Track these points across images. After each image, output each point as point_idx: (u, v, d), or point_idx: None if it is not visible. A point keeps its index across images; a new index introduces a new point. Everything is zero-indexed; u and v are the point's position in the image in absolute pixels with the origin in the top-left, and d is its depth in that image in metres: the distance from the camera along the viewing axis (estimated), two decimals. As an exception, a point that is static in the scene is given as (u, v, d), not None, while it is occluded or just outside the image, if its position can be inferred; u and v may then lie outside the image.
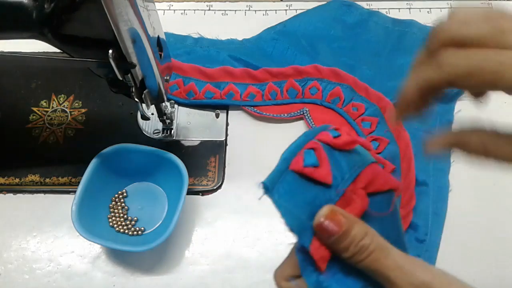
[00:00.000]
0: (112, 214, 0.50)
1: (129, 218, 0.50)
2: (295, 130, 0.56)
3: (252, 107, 0.57)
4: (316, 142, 0.26)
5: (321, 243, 0.25)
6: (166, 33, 0.45)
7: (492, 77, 0.21)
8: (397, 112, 0.26)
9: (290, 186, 0.26)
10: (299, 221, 0.25)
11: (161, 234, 0.44)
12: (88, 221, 0.46)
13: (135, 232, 0.49)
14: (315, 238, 0.25)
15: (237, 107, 0.57)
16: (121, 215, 0.50)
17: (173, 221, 0.45)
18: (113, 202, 0.51)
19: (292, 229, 0.25)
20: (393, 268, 0.24)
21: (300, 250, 0.26)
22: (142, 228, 0.49)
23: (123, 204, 0.50)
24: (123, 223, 0.49)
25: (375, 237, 0.25)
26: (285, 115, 0.56)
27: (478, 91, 0.26)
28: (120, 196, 0.51)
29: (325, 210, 0.25)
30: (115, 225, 0.49)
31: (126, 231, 0.49)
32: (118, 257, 0.48)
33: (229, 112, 0.57)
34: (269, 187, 0.26)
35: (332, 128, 0.28)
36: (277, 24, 0.63)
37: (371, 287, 0.26)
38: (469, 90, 0.26)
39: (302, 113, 0.56)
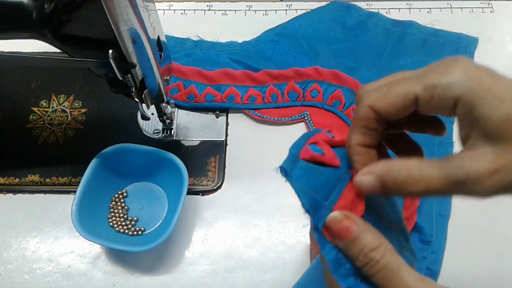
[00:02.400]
0: (112, 214, 0.50)
1: (129, 218, 0.50)
2: (295, 130, 0.56)
3: (253, 110, 0.57)
4: (317, 138, 0.28)
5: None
6: (165, 36, 0.45)
7: None
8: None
9: (304, 171, 0.27)
10: (315, 201, 0.26)
11: (161, 234, 0.44)
12: (88, 221, 0.46)
13: (135, 232, 0.49)
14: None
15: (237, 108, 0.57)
16: (121, 215, 0.50)
17: (173, 221, 0.45)
18: (113, 202, 0.51)
19: (307, 209, 0.26)
20: None
21: (316, 229, 0.26)
22: (142, 228, 0.49)
23: (123, 204, 0.50)
24: (123, 223, 0.49)
25: (387, 252, 0.24)
26: (286, 118, 0.56)
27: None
28: (120, 196, 0.51)
29: (336, 213, 0.25)
30: (115, 225, 0.49)
31: (126, 231, 0.49)
32: (118, 257, 0.48)
33: (229, 112, 0.57)
34: (287, 170, 0.27)
35: (326, 130, 0.30)
36: (276, 26, 0.63)
37: None
38: None
39: (303, 116, 0.56)
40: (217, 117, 0.57)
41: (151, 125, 0.56)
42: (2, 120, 0.57)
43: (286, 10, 0.67)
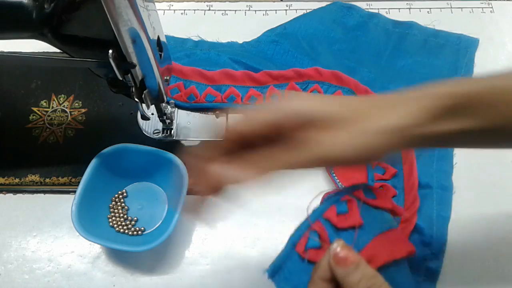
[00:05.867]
0: (112, 214, 0.50)
1: (129, 218, 0.50)
2: (295, 130, 0.56)
3: None
4: (320, 225, 0.29)
5: None
6: (166, 36, 0.45)
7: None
8: None
9: (295, 266, 0.28)
10: None
11: (161, 234, 0.44)
12: (88, 221, 0.46)
13: (135, 232, 0.49)
14: None
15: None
16: (121, 215, 0.50)
17: (173, 221, 0.45)
18: (113, 202, 0.51)
19: None
20: None
21: None
22: (142, 228, 0.49)
23: (123, 204, 0.50)
24: (123, 223, 0.49)
25: (384, 283, 0.26)
26: None
27: None
28: (120, 196, 0.51)
29: (340, 242, 0.26)
30: (115, 225, 0.49)
31: (126, 231, 0.49)
32: (118, 257, 0.48)
33: (229, 112, 0.57)
34: (272, 274, 0.29)
35: (344, 199, 0.29)
36: (277, 27, 0.63)
37: None
38: None
39: (303, 117, 0.56)
40: (217, 117, 0.57)
41: (151, 125, 0.56)
42: (2, 120, 0.57)
43: (286, 10, 0.66)
